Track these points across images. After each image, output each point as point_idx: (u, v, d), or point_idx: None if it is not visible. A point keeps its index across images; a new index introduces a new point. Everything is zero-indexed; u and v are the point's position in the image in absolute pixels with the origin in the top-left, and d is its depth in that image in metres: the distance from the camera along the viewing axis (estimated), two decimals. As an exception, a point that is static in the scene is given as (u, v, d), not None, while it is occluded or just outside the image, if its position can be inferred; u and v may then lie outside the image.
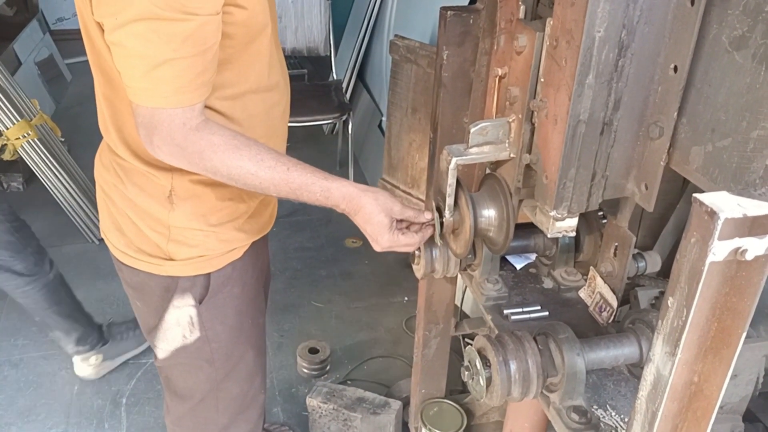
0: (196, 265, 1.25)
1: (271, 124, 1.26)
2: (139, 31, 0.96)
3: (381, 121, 3.44)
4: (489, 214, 1.09)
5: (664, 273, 1.28)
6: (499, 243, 1.10)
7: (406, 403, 2.06)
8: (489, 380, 1.03)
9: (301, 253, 3.01)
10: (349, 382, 2.32)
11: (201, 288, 1.28)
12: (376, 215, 1.11)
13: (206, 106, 1.10)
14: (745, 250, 0.65)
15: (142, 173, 1.19)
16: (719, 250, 0.65)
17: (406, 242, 1.16)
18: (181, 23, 0.95)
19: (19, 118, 2.89)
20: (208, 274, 1.27)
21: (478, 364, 1.04)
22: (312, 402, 1.99)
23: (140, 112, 1.03)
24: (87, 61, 1.15)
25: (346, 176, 3.28)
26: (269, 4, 1.18)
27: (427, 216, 1.15)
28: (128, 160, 1.19)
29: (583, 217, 1.20)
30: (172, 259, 1.24)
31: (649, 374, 0.78)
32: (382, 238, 1.14)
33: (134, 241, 1.26)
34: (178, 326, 1.31)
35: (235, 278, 1.31)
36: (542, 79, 0.94)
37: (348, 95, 3.60)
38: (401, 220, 1.15)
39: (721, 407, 0.78)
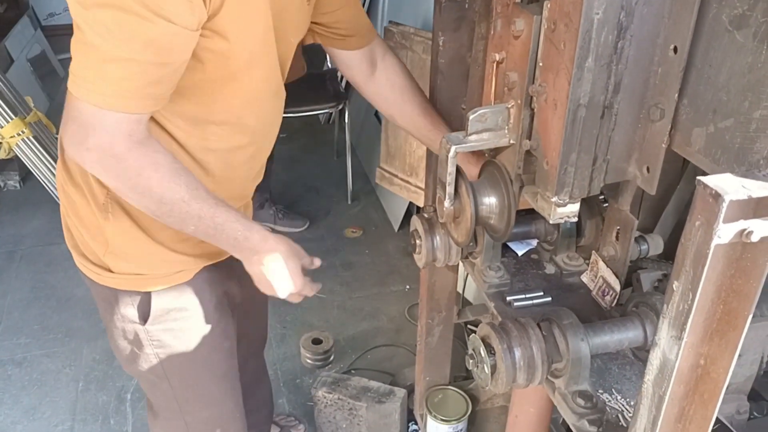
0: (134, 281, 1.19)
1: (229, 164, 1.17)
2: (102, 19, 0.87)
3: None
4: (490, 201, 1.08)
5: (666, 255, 1.28)
6: (500, 230, 1.10)
7: (410, 391, 2.07)
8: (494, 368, 1.03)
9: (301, 244, 2.98)
10: (353, 371, 2.32)
11: (144, 306, 1.21)
12: (291, 258, 1.14)
13: (158, 125, 1.05)
14: (750, 232, 0.64)
15: (82, 174, 1.13)
16: (724, 232, 0.65)
17: (311, 287, 1.21)
18: (149, 24, 0.88)
19: (13, 116, 2.88)
20: (149, 299, 1.21)
21: (483, 352, 1.04)
22: (317, 392, 1.99)
23: (77, 107, 0.94)
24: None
25: (344, 166, 3.30)
26: (266, 49, 1.09)
27: (317, 263, 1.22)
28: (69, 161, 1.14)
29: (584, 202, 1.19)
30: (110, 271, 1.18)
31: (655, 358, 0.78)
32: (297, 280, 1.16)
33: (79, 245, 1.22)
34: (125, 339, 1.27)
35: (184, 303, 1.24)
36: (541, 64, 0.93)
37: (343, 84, 3.58)
38: None
39: (726, 388, 0.78)
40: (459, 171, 1.08)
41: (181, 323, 1.26)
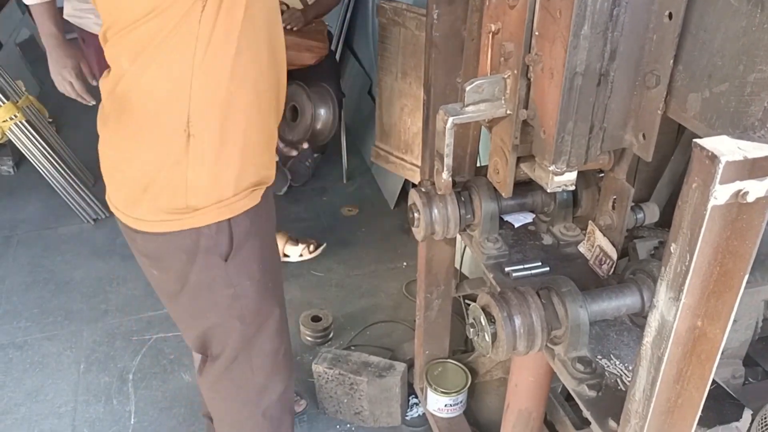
0: (218, 210, 1.24)
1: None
2: None
3: (371, 87, 3.41)
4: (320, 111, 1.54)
5: (662, 224, 1.29)
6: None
7: (410, 365, 2.09)
8: (494, 336, 1.04)
9: (297, 224, 3.01)
10: (353, 347, 2.34)
11: (225, 245, 1.27)
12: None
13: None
14: (746, 193, 0.66)
15: (153, 113, 1.16)
16: (720, 193, 0.66)
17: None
18: None
19: (5, 101, 2.86)
20: (230, 230, 1.26)
21: (483, 320, 1.05)
22: (318, 368, 2.01)
23: None
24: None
25: (338, 145, 3.30)
26: None
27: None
28: (135, 103, 1.16)
29: (580, 172, 1.20)
30: (192, 210, 1.22)
31: (653, 320, 0.79)
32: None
33: (149, 201, 1.23)
34: (207, 287, 1.31)
35: (255, 232, 1.31)
36: (537, 33, 0.93)
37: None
38: None
39: (721, 352, 0.79)
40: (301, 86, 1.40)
41: (254, 255, 1.32)
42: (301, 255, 2.68)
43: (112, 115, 1.22)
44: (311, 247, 2.69)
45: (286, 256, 2.67)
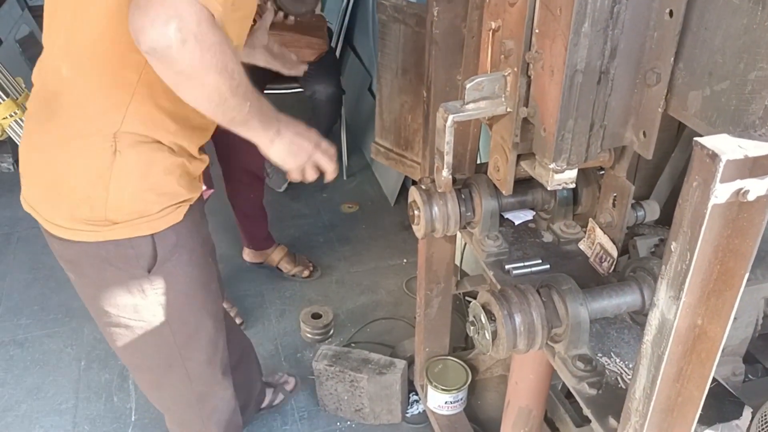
0: (139, 225, 1.21)
1: None
2: None
3: (371, 83, 3.41)
4: None
5: (662, 221, 1.29)
6: None
7: (410, 362, 2.09)
8: (494, 334, 1.04)
9: (297, 221, 3.01)
10: (353, 344, 2.34)
11: (147, 258, 1.25)
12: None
13: None
14: (746, 191, 0.66)
15: (84, 121, 1.14)
16: (721, 192, 0.66)
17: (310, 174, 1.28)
18: None
19: (5, 98, 2.84)
20: (153, 244, 1.24)
21: (483, 318, 1.05)
22: (318, 365, 2.01)
23: None
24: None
25: (338, 141, 3.29)
26: None
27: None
28: (66, 109, 1.15)
29: (581, 170, 1.20)
30: (111, 222, 1.19)
31: (653, 319, 0.79)
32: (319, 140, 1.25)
33: (68, 209, 1.20)
34: (128, 294, 1.29)
35: (182, 244, 1.29)
36: (537, 30, 0.93)
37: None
38: None
39: (721, 350, 0.79)
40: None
41: (180, 266, 1.30)
42: (293, 275, 2.68)
43: (42, 114, 1.20)
44: (305, 273, 2.67)
45: (279, 270, 2.67)
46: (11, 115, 2.86)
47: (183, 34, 0.96)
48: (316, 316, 2.38)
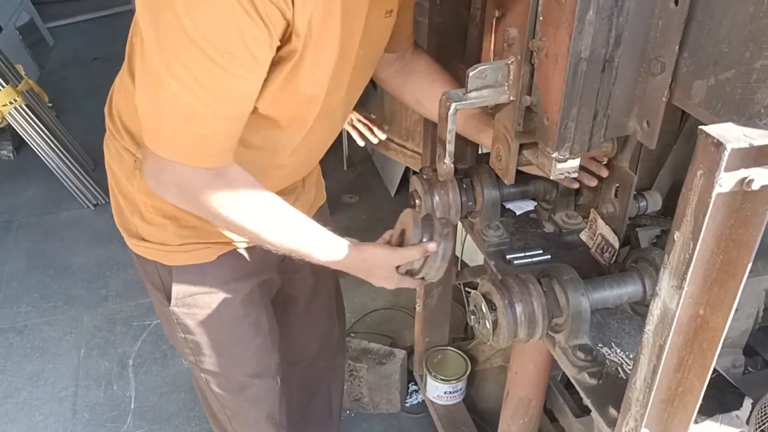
0: (157, 251, 1.17)
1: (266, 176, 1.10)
2: (190, 67, 0.83)
3: (372, 74, 3.40)
4: None
5: (663, 212, 1.29)
6: None
7: (410, 352, 2.09)
8: (495, 323, 1.04)
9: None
10: (352, 334, 2.34)
11: (167, 282, 1.19)
12: (382, 269, 1.13)
13: None
14: (751, 180, 0.65)
15: (116, 142, 1.14)
16: (725, 181, 0.65)
17: (410, 283, 1.17)
18: (231, 77, 0.86)
19: (4, 85, 2.84)
20: (170, 271, 1.17)
21: (484, 307, 1.05)
22: (317, 355, 2.01)
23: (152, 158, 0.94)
24: (68, 24, 1.12)
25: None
26: (336, 85, 1.04)
27: (431, 248, 1.11)
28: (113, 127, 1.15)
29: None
30: (143, 239, 1.17)
31: (655, 308, 0.79)
32: (392, 280, 1.15)
33: (122, 220, 1.21)
34: (162, 314, 1.28)
35: (207, 288, 1.19)
36: (541, 18, 0.92)
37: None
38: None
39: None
40: None
41: (205, 310, 1.21)
42: None
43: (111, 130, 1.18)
44: None
45: None
46: (11, 102, 2.85)
47: (184, 200, 0.98)
48: (315, 305, 2.38)
